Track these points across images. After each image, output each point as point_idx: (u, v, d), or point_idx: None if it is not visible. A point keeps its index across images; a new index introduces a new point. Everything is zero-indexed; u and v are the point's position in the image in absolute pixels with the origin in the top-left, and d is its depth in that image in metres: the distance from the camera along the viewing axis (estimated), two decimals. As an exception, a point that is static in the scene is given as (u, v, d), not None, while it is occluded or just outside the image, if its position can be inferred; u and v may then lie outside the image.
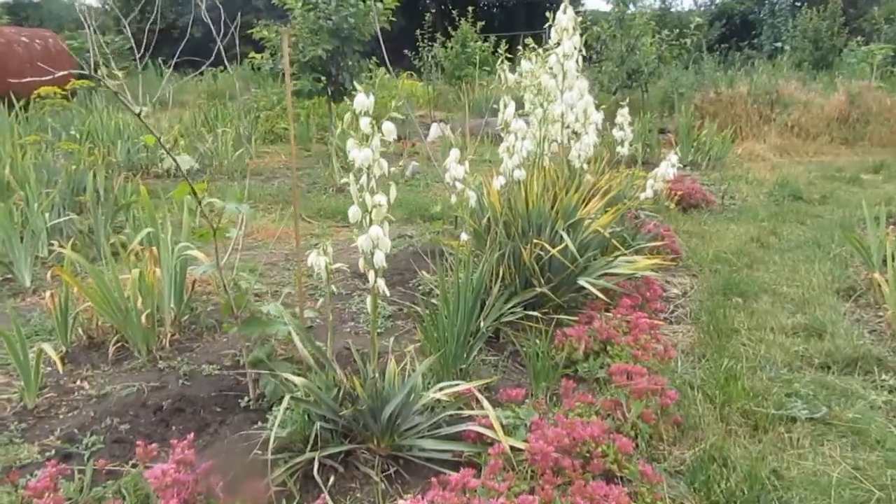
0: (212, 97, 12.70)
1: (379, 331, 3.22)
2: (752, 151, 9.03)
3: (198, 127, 8.24)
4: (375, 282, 1.94)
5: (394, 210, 5.89)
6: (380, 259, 1.91)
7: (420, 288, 3.76)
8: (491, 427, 1.97)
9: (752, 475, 2.06)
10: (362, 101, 1.84)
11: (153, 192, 5.70)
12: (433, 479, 1.72)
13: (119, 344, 2.94)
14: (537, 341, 2.80)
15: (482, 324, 2.81)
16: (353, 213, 1.92)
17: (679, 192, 5.67)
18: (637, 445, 2.11)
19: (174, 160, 1.97)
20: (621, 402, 2.18)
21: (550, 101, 3.23)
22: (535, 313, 2.96)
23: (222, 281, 2.35)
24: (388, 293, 1.99)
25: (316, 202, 6.17)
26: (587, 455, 1.88)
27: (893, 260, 3.42)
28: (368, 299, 2.00)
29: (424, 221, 5.48)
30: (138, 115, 1.73)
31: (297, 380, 2.00)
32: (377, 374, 2.04)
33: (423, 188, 6.65)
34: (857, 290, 3.90)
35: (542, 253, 3.15)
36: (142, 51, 4.76)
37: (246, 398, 2.48)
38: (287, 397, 1.94)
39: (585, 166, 3.75)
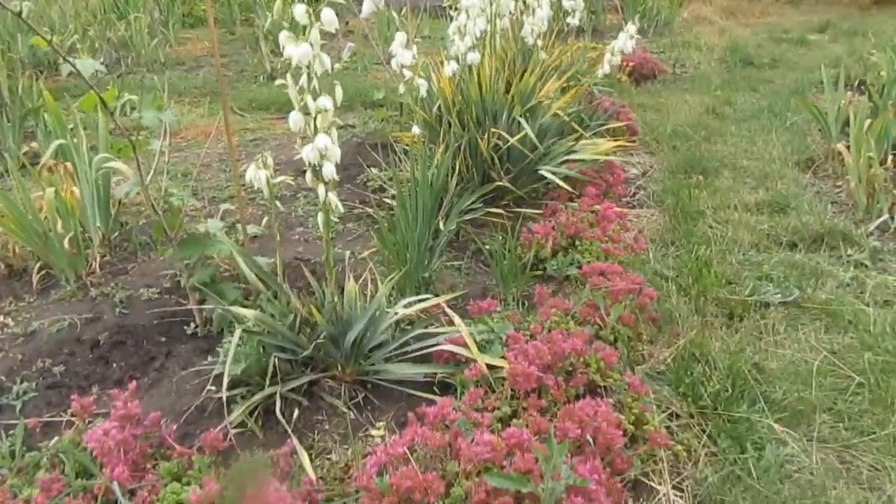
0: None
1: (331, 235, 2.99)
2: (698, 14, 8.75)
3: (106, 13, 7.46)
4: (326, 197, 1.71)
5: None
6: (329, 171, 1.67)
7: (370, 184, 3.52)
8: (464, 344, 1.83)
9: (733, 370, 1.99)
10: (294, -16, 1.53)
11: (66, 91, 5.20)
12: (410, 415, 1.57)
13: (43, 272, 2.66)
14: (501, 237, 2.65)
15: (442, 225, 2.62)
16: (295, 119, 1.65)
17: (631, 64, 5.42)
18: (617, 349, 2.01)
19: (74, 67, 1.65)
20: (598, 306, 2.06)
21: (501, -28, 2.91)
22: (499, 210, 2.78)
23: (150, 202, 2.08)
24: (342, 209, 1.76)
25: (247, 92, 5.71)
26: (570, 370, 1.77)
27: (857, 127, 3.32)
28: (319, 216, 1.78)
29: (366, 109, 5.13)
30: (18, 14, 1.40)
31: (248, 312, 1.80)
32: (335, 298, 1.85)
33: (362, 71, 6.23)
34: (816, 161, 3.83)
35: (499, 142, 2.93)
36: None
37: (192, 325, 2.28)
38: (238, 330, 1.75)
39: (539, 43, 3.47)
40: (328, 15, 1.57)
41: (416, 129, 2.67)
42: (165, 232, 2.13)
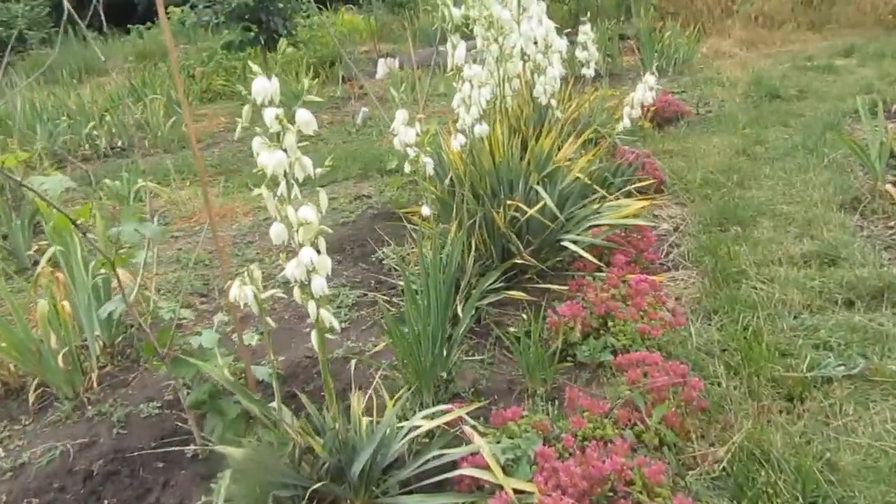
0: (140, 59, 11.82)
1: (344, 325, 2.80)
2: (717, 49, 8.54)
3: (122, 98, 7.53)
4: (318, 314, 1.52)
5: (348, 165, 5.33)
6: (320, 286, 1.48)
7: (385, 262, 3.34)
8: (487, 467, 1.60)
9: (802, 473, 1.72)
10: (262, 86, 1.37)
11: (81, 179, 5.17)
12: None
13: (41, 389, 2.50)
14: (525, 317, 2.43)
15: (460, 310, 2.40)
16: (276, 232, 1.48)
17: (652, 108, 5.21)
18: (662, 454, 1.76)
19: (35, 192, 1.49)
20: (638, 406, 1.81)
21: (505, 35, 2.74)
22: (521, 287, 2.56)
23: (138, 320, 1.91)
24: (338, 328, 1.57)
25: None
26: (610, 494, 1.52)
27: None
28: (313, 335, 1.58)
29: (382, 175, 4.99)
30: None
31: (237, 452, 1.59)
32: (337, 424, 1.63)
33: (377, 137, 6.12)
34: (863, 201, 3.54)
35: (517, 214, 2.72)
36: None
37: (192, 445, 2.08)
38: (228, 473, 1.54)
39: (554, 102, 3.29)
40: (304, 116, 1.40)
41: (425, 210, 2.48)
42: (156, 350, 1.96)
